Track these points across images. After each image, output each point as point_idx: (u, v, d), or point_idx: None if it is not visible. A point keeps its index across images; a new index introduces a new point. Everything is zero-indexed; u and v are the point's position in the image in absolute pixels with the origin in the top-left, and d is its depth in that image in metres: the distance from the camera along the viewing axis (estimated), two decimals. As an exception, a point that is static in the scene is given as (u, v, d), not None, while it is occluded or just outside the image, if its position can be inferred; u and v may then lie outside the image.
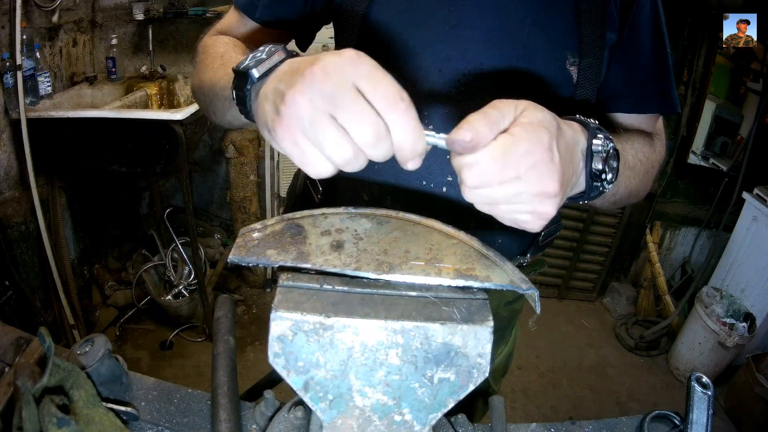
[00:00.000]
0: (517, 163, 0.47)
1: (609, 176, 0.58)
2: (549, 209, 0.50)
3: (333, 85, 0.43)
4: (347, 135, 0.44)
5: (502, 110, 0.49)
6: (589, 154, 0.57)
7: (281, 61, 0.53)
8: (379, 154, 0.46)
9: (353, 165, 0.46)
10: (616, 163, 0.60)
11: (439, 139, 0.49)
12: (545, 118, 0.50)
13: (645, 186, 0.80)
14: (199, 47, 0.84)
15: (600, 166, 0.57)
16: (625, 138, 0.76)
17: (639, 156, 0.76)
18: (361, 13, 0.79)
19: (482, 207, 0.51)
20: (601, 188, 0.60)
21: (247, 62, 0.54)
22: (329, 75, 0.44)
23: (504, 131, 0.48)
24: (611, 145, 0.58)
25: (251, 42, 0.85)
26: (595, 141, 0.57)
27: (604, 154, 0.57)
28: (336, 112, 0.44)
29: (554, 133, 0.50)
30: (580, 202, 0.64)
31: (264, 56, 0.54)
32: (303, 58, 0.49)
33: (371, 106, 0.44)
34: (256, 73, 0.53)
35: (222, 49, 0.77)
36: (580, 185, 0.59)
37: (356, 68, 0.44)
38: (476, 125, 0.47)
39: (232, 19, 0.88)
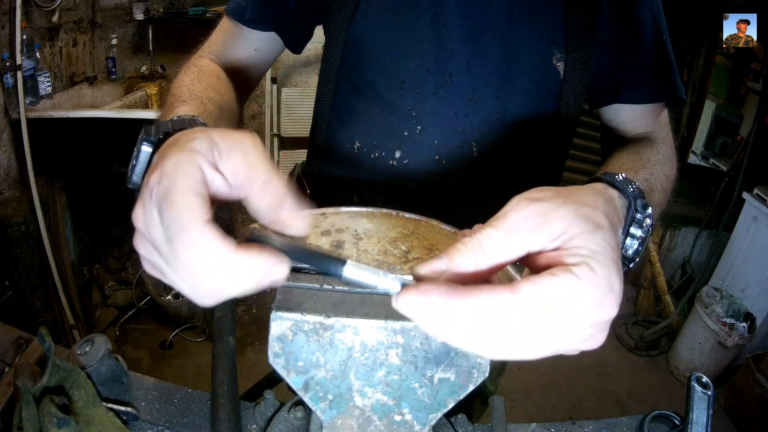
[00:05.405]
0: (575, 316, 0.32)
1: (638, 258, 0.49)
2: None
3: (145, 223, 0.38)
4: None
5: (522, 233, 0.35)
6: (625, 233, 0.48)
7: (153, 153, 0.49)
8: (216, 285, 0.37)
9: (218, 296, 0.38)
10: (649, 236, 0.51)
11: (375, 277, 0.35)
12: (608, 240, 0.35)
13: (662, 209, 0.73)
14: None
15: (632, 252, 0.49)
16: (648, 168, 0.68)
17: (664, 184, 0.69)
18: (349, 15, 0.79)
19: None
20: (624, 270, 0.49)
21: (130, 168, 0.50)
22: (143, 209, 0.38)
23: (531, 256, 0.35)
24: (650, 223, 0.49)
25: (243, 47, 0.84)
26: (633, 227, 0.48)
27: (641, 239, 0.48)
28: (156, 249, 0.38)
29: (619, 264, 0.36)
30: None
31: (134, 161, 0.50)
32: (155, 161, 0.42)
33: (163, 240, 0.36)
34: (136, 180, 0.50)
35: (181, 88, 0.67)
36: None
37: (159, 193, 0.37)
38: (456, 257, 0.34)
39: (222, 30, 0.85)
